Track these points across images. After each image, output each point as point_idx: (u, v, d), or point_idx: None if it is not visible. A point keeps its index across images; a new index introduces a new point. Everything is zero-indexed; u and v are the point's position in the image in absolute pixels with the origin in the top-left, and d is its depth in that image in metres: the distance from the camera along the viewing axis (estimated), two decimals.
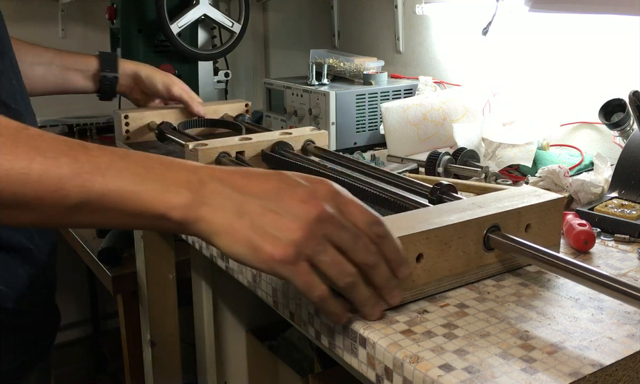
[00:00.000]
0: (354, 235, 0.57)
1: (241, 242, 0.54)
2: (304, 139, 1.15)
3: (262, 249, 0.53)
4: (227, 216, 0.54)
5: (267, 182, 0.56)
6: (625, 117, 1.11)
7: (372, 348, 0.61)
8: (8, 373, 0.78)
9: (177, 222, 0.54)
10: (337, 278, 0.57)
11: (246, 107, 1.43)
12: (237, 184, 0.55)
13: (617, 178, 0.99)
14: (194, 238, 0.96)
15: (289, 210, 0.54)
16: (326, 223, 0.55)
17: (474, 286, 0.72)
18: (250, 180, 0.56)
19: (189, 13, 1.66)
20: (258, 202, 0.54)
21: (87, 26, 2.54)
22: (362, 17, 1.93)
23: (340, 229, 0.56)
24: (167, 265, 1.44)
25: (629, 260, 0.81)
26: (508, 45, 1.46)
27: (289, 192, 0.55)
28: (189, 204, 0.54)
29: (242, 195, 0.55)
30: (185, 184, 0.55)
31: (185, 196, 0.54)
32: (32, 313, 0.84)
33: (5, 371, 0.78)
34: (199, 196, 0.54)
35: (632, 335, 0.61)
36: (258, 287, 0.81)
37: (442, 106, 1.33)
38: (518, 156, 1.18)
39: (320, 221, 0.55)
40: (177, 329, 1.49)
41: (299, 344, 1.49)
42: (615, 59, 1.24)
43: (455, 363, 0.57)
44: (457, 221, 0.70)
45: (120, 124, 1.33)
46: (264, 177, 0.57)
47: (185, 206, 0.54)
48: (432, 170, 1.12)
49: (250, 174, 0.57)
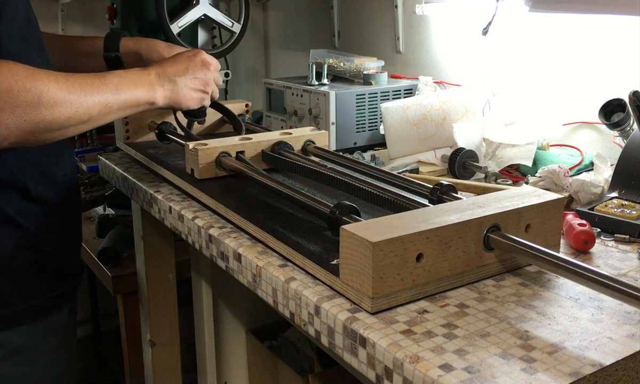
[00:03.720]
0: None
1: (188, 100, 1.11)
2: (304, 139, 1.15)
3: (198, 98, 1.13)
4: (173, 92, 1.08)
5: (181, 64, 1.10)
6: (625, 117, 1.11)
7: (372, 348, 0.61)
8: (48, 302, 1.02)
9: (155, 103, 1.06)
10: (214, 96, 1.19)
11: (246, 107, 1.43)
12: (170, 73, 1.08)
13: (617, 178, 0.99)
14: (193, 238, 0.97)
15: (199, 75, 1.11)
16: (214, 72, 1.15)
17: (474, 286, 0.72)
18: (174, 67, 1.09)
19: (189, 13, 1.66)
20: (184, 79, 1.10)
21: (87, 26, 2.54)
22: (362, 17, 1.93)
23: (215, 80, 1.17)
24: (167, 265, 1.44)
25: (629, 260, 0.81)
26: (508, 45, 1.46)
27: (192, 65, 1.11)
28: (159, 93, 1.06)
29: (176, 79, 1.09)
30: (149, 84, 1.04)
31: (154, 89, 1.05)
32: (64, 257, 1.06)
33: (46, 299, 1.01)
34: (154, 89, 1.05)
35: (632, 335, 0.61)
36: (258, 287, 0.81)
37: (442, 106, 1.33)
38: (518, 155, 1.18)
39: (212, 73, 1.14)
40: (177, 329, 1.49)
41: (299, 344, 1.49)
42: (615, 59, 1.24)
43: (455, 363, 0.57)
44: (457, 220, 0.70)
45: (120, 124, 1.33)
46: (178, 62, 1.10)
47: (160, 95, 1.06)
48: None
49: (174, 62, 1.10)
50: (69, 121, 0.90)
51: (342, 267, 0.69)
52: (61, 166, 1.05)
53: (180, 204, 1.03)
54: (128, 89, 0.99)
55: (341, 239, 0.68)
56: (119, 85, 0.97)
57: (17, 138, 0.84)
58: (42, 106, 0.85)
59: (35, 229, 0.99)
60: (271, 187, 0.94)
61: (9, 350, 0.98)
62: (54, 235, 1.03)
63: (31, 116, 0.84)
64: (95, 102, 0.93)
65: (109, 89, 0.96)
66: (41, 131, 0.86)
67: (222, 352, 1.45)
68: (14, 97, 0.82)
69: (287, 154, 1.10)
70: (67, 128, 0.90)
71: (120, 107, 0.98)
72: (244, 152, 1.09)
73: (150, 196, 1.12)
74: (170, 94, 1.07)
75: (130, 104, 1.00)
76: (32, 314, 1.00)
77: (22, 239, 0.97)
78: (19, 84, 0.82)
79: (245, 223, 0.89)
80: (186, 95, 1.10)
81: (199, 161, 1.06)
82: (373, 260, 0.64)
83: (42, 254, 1.01)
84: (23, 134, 0.85)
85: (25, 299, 0.99)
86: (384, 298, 0.66)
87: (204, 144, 1.07)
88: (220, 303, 1.42)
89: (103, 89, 0.95)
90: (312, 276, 0.75)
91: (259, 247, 0.84)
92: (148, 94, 1.03)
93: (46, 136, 0.89)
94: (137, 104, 1.02)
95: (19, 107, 0.82)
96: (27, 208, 0.98)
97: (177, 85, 1.08)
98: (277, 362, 1.39)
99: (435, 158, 1.26)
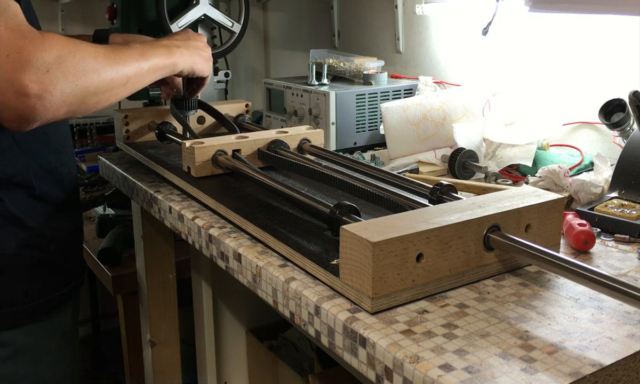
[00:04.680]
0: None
1: (201, 63, 1.13)
2: (300, 137, 1.15)
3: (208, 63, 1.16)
4: (188, 55, 1.10)
5: (181, 35, 1.14)
6: (625, 117, 1.11)
7: (372, 348, 0.61)
8: (53, 301, 1.03)
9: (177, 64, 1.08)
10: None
11: (246, 108, 1.43)
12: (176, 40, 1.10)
13: (617, 178, 0.99)
14: (193, 238, 0.97)
15: (197, 44, 1.13)
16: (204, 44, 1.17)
17: (474, 286, 0.72)
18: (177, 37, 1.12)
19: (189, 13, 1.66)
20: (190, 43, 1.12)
21: (87, 26, 2.54)
22: (362, 17, 1.93)
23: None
24: (167, 265, 1.44)
25: (629, 260, 0.81)
26: (508, 45, 1.46)
27: (190, 34, 1.15)
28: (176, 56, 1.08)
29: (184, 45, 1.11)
30: (166, 48, 1.06)
31: (171, 53, 1.06)
32: (69, 256, 1.08)
33: (52, 298, 1.03)
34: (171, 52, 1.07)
35: (632, 335, 0.61)
36: (258, 287, 0.81)
37: (442, 106, 1.33)
38: (518, 155, 1.18)
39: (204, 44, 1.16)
40: (177, 329, 1.49)
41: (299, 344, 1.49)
42: (615, 59, 1.24)
43: (455, 363, 0.57)
44: (457, 221, 0.70)
45: (120, 124, 1.33)
46: (178, 34, 1.15)
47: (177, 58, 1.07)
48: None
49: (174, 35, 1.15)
50: (112, 83, 0.92)
51: (342, 267, 0.69)
52: (65, 163, 1.06)
53: (180, 204, 1.03)
54: (151, 54, 1.01)
55: (341, 239, 0.68)
56: (143, 51, 1.00)
57: (70, 105, 0.85)
58: (88, 70, 0.87)
59: (42, 228, 1.00)
60: (271, 187, 0.94)
61: (14, 349, 0.98)
62: (59, 234, 1.04)
63: (81, 80, 0.86)
64: (130, 65, 0.95)
65: (137, 53, 0.98)
66: (90, 94, 0.88)
67: (222, 352, 1.45)
68: (64, 63, 0.83)
69: (282, 153, 1.10)
70: (111, 91, 0.92)
71: (149, 70, 1.00)
72: (240, 150, 1.10)
73: (150, 196, 1.12)
74: (186, 58, 1.09)
75: (157, 67, 1.02)
76: (37, 313, 1.01)
77: (28, 238, 0.98)
78: (65, 50, 0.84)
79: (245, 223, 0.89)
80: (198, 59, 1.12)
81: (196, 159, 1.06)
82: (373, 260, 0.64)
83: (48, 253, 1.02)
84: (76, 100, 0.86)
85: (31, 298, 1.00)
86: (384, 298, 0.66)
87: (200, 143, 1.08)
88: (220, 303, 1.42)
89: (132, 53, 0.97)
90: (312, 276, 0.75)
91: (259, 247, 0.84)
92: (168, 58, 1.05)
93: (94, 100, 0.90)
94: (163, 67, 1.04)
95: (70, 72, 0.84)
96: (32, 207, 0.98)
97: (188, 50, 1.10)
98: (277, 362, 1.39)
99: (435, 158, 1.26)
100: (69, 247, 1.08)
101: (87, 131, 2.25)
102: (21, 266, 0.98)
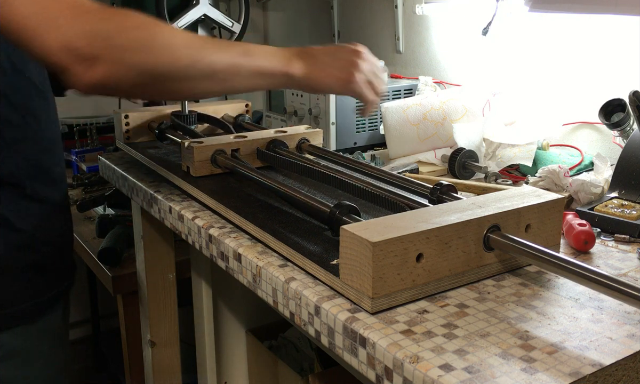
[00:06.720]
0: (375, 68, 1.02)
1: (330, 78, 0.96)
2: (299, 137, 1.15)
3: (342, 78, 0.96)
4: (313, 65, 0.95)
5: (327, 46, 0.99)
6: (625, 117, 1.11)
7: (372, 348, 0.61)
8: (45, 302, 1.03)
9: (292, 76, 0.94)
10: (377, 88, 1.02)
11: (246, 108, 1.43)
12: (312, 50, 0.97)
13: (617, 178, 0.99)
14: (194, 238, 0.97)
15: (346, 57, 0.97)
16: (366, 62, 0.98)
17: (474, 286, 0.72)
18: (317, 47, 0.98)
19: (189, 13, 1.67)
20: (327, 56, 0.97)
21: None
22: (362, 17, 1.93)
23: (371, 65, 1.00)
24: (167, 265, 1.44)
25: (629, 260, 0.81)
26: (508, 45, 1.46)
27: (339, 47, 1.00)
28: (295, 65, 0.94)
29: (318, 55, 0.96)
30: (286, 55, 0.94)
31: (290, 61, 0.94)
32: (61, 256, 1.07)
33: (44, 300, 1.02)
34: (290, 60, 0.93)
35: (632, 335, 0.61)
36: (258, 287, 0.81)
37: (442, 106, 1.33)
38: (518, 155, 1.18)
39: (363, 61, 0.98)
40: (177, 329, 1.49)
41: (299, 344, 1.49)
42: (615, 59, 1.24)
43: (455, 363, 0.57)
44: (457, 221, 0.70)
45: (120, 124, 1.33)
46: (324, 46, 0.99)
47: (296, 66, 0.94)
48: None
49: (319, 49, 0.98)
50: (189, 70, 0.83)
51: (342, 267, 0.69)
52: (57, 163, 1.05)
53: (180, 204, 1.03)
54: (260, 56, 0.91)
55: (341, 239, 0.68)
56: (249, 50, 0.90)
57: (135, 81, 0.79)
58: (156, 48, 0.80)
59: (33, 229, 0.99)
60: (271, 188, 0.94)
61: (4, 352, 0.98)
62: (50, 235, 1.03)
63: (145, 56, 0.79)
64: (220, 59, 0.86)
65: (237, 50, 0.89)
66: (161, 76, 0.81)
67: (222, 352, 1.45)
68: (124, 34, 0.77)
69: (281, 152, 1.11)
70: (190, 80, 0.84)
71: (251, 73, 0.89)
72: (239, 149, 1.10)
73: (150, 196, 1.12)
74: (309, 68, 0.94)
75: (263, 71, 0.91)
76: (29, 315, 1.00)
77: (19, 240, 0.97)
78: (128, 22, 0.79)
79: (245, 223, 0.89)
80: (327, 71, 0.96)
81: (195, 158, 1.06)
82: (373, 260, 0.64)
83: (40, 254, 1.01)
84: (141, 78, 0.79)
85: (22, 300, 0.99)
86: (384, 298, 0.66)
87: (199, 142, 1.08)
88: (220, 303, 1.42)
89: (230, 48, 0.90)
90: (312, 276, 0.75)
91: (259, 247, 0.84)
92: (283, 64, 0.92)
93: (170, 86, 0.84)
94: (272, 74, 0.91)
95: (131, 46, 0.78)
96: (24, 208, 0.98)
97: (318, 60, 0.96)
98: (277, 362, 1.39)
99: (435, 158, 1.26)
100: (60, 248, 1.07)
101: (87, 131, 2.24)
102: (12, 268, 0.97)
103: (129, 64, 0.77)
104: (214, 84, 0.87)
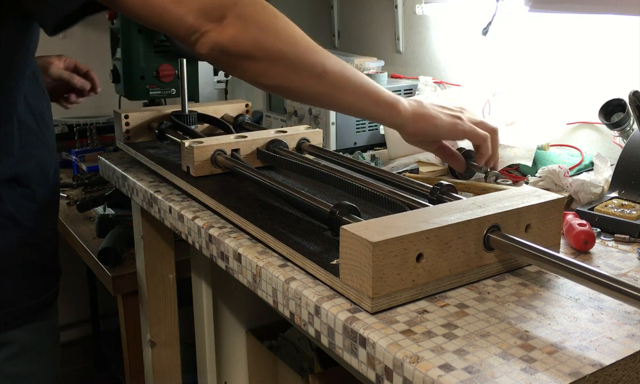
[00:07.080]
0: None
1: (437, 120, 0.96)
2: (299, 137, 1.16)
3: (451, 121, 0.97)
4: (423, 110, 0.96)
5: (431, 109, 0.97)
6: (625, 117, 1.10)
7: (372, 348, 0.61)
8: (49, 299, 1.05)
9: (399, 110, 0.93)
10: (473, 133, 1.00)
11: (246, 108, 1.43)
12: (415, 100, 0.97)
13: (617, 178, 0.99)
14: (193, 238, 0.97)
15: (449, 110, 0.98)
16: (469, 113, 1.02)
17: (474, 286, 0.72)
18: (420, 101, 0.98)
19: None
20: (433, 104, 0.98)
21: (87, 26, 2.53)
22: (362, 17, 1.93)
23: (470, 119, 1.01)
24: (167, 265, 1.44)
25: (629, 260, 0.81)
26: (508, 45, 1.46)
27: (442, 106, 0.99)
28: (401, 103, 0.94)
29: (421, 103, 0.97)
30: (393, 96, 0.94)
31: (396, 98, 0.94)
32: (56, 256, 1.08)
33: (48, 296, 1.04)
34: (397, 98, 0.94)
35: (632, 335, 0.61)
36: (258, 287, 0.81)
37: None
38: (518, 155, 1.18)
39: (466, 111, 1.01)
40: (177, 329, 1.49)
41: (299, 344, 1.49)
42: (615, 59, 1.24)
43: (455, 363, 0.57)
44: (457, 221, 0.70)
45: (120, 124, 1.33)
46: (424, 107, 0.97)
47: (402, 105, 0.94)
48: None
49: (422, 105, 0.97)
50: (302, 58, 0.88)
51: (342, 267, 0.69)
52: (53, 164, 1.07)
53: (180, 204, 1.03)
54: (375, 85, 0.92)
55: (341, 239, 0.68)
56: (366, 78, 0.92)
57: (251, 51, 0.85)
58: (278, 27, 0.88)
59: (37, 227, 1.01)
60: (271, 188, 0.94)
61: (20, 347, 1.01)
62: (49, 233, 1.06)
63: (267, 33, 0.86)
64: (332, 63, 0.89)
65: (355, 71, 0.91)
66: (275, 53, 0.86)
67: (222, 352, 1.45)
68: (252, 7, 0.85)
69: (281, 152, 1.11)
70: (300, 70, 0.88)
71: (360, 88, 0.90)
72: (239, 150, 1.10)
73: (150, 196, 1.12)
74: (417, 109, 0.95)
75: (371, 92, 0.91)
76: (39, 310, 1.03)
77: (26, 237, 1.00)
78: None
79: (245, 223, 0.89)
80: (433, 113, 0.96)
81: (195, 158, 1.06)
82: (373, 260, 0.64)
83: (44, 251, 1.04)
84: (256, 49, 0.85)
85: (34, 296, 1.02)
86: (384, 298, 0.66)
87: (199, 142, 1.08)
88: (220, 303, 1.42)
89: (341, 61, 0.91)
90: (312, 276, 0.75)
91: (259, 247, 0.84)
92: (392, 96, 0.93)
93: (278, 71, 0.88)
94: (378, 98, 0.92)
95: (255, 18, 0.86)
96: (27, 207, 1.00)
97: (423, 105, 0.97)
98: (277, 362, 1.39)
99: (435, 158, 1.26)
100: (56, 246, 1.10)
101: (87, 131, 2.24)
102: (24, 264, 1.00)
103: (252, 34, 0.84)
104: (321, 85, 0.88)
